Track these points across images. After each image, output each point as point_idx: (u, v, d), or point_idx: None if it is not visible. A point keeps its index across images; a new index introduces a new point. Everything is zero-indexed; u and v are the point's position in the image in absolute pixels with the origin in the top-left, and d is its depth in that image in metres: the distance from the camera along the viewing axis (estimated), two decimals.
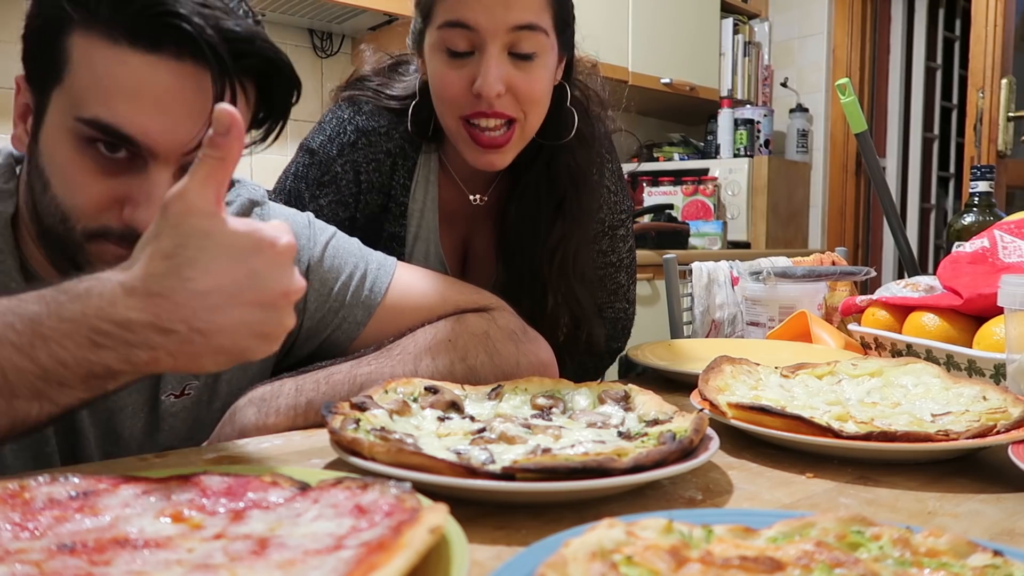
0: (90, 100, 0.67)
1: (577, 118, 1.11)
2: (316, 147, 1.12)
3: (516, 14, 0.96)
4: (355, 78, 1.17)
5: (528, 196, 1.14)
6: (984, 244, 1.14)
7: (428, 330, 0.90)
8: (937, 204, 4.28)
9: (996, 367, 0.93)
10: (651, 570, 0.38)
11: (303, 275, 0.90)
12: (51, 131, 0.70)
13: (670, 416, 0.68)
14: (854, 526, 0.43)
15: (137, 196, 0.69)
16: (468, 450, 0.60)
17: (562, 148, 1.11)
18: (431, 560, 0.40)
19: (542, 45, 1.00)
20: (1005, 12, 3.09)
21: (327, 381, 0.81)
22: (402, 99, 1.12)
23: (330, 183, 1.11)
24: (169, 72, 0.68)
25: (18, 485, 0.48)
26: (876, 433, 0.65)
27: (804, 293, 1.36)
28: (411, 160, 1.13)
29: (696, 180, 3.37)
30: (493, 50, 0.96)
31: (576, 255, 1.14)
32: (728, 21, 3.73)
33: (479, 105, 0.99)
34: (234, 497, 0.49)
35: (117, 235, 0.70)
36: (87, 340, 0.53)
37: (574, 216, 1.13)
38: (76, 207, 0.70)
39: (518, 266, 1.15)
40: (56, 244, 0.72)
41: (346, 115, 1.12)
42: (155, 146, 0.68)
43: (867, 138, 1.78)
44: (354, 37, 2.92)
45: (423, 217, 1.15)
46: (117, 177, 0.69)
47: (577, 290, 1.15)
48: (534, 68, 1.00)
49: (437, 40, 0.99)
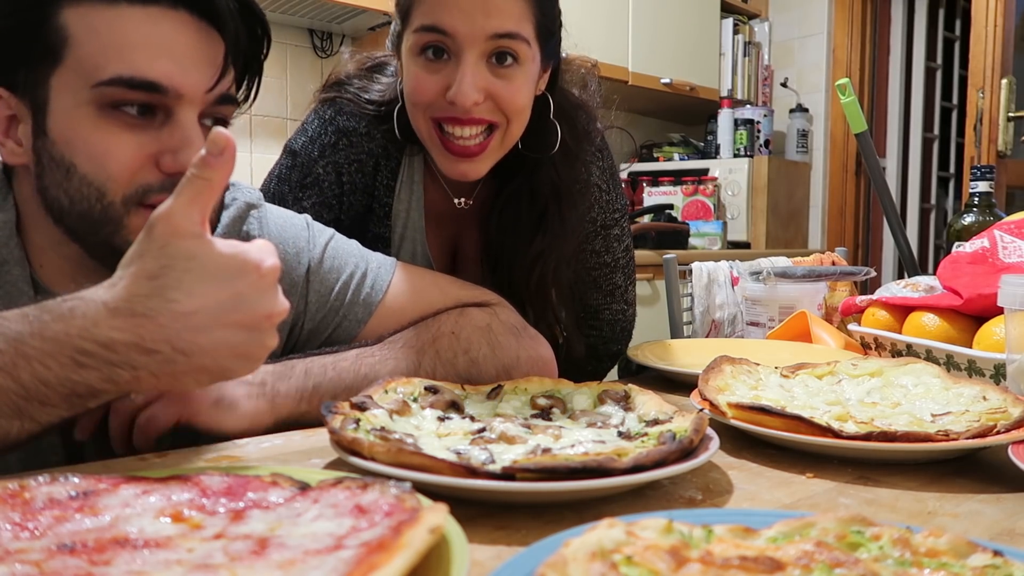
0: (105, 62, 0.69)
1: (561, 131, 1.08)
2: (298, 148, 1.11)
3: (496, 22, 0.93)
4: (335, 80, 1.15)
5: (510, 207, 1.12)
6: (984, 244, 1.14)
7: (431, 323, 0.90)
8: (937, 204, 4.28)
9: (996, 367, 0.93)
10: (651, 570, 0.38)
11: (303, 276, 0.90)
12: (62, 115, 0.70)
13: (670, 416, 0.68)
14: (854, 526, 0.43)
15: (172, 144, 0.71)
16: (468, 450, 0.60)
17: (545, 160, 1.09)
18: (431, 560, 0.40)
19: (523, 54, 0.97)
20: (1005, 12, 3.09)
21: (335, 367, 0.82)
22: (381, 103, 1.10)
23: (312, 185, 1.09)
24: (169, 21, 0.70)
25: (18, 485, 0.48)
26: (876, 433, 0.65)
27: (804, 293, 1.36)
28: (394, 161, 1.12)
29: (696, 180, 3.37)
30: (470, 58, 0.94)
31: (555, 270, 1.12)
32: (728, 21, 3.73)
33: (452, 110, 0.96)
34: (234, 497, 0.49)
35: (158, 189, 0.70)
36: (70, 360, 0.53)
37: (554, 231, 1.11)
38: (111, 175, 0.70)
39: (499, 278, 1.14)
40: (96, 229, 0.72)
41: (327, 115, 1.10)
42: (180, 87, 0.70)
43: (867, 138, 1.78)
44: (354, 37, 2.92)
45: (408, 218, 1.13)
46: (146, 133, 0.71)
47: (554, 305, 1.14)
48: (514, 76, 0.97)
49: (413, 43, 0.97)
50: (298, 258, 0.91)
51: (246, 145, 2.71)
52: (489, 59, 0.96)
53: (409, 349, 0.86)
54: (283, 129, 2.78)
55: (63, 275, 0.77)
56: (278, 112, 2.78)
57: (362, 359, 0.84)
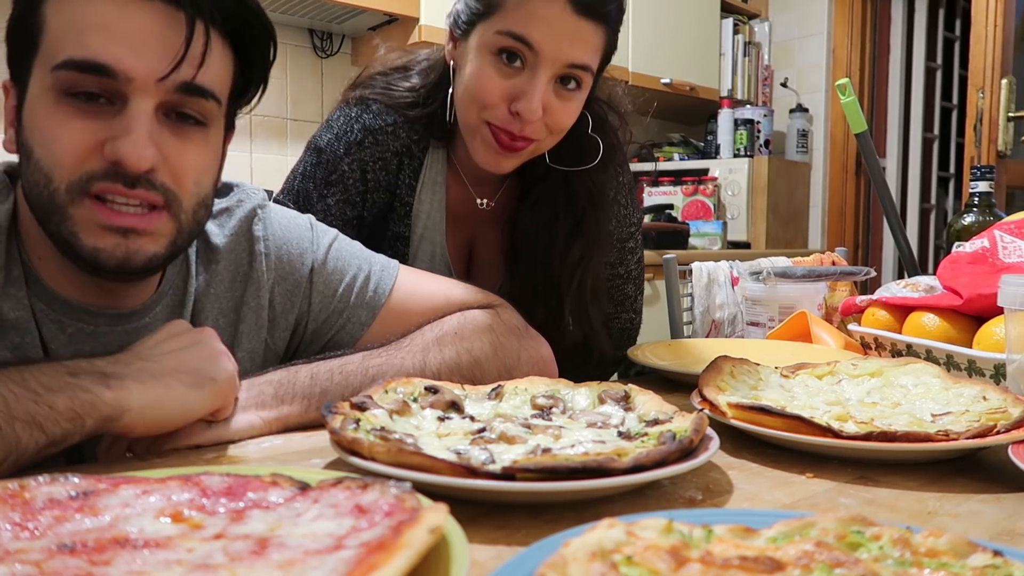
0: (63, 46, 0.68)
1: (601, 144, 1.12)
2: (323, 145, 1.12)
3: (578, 52, 0.98)
4: (365, 77, 1.17)
5: (543, 210, 1.14)
6: (984, 244, 1.14)
7: (435, 325, 0.91)
8: (937, 204, 4.28)
9: (996, 367, 0.93)
10: (651, 570, 0.38)
11: (307, 276, 0.91)
12: (31, 102, 0.70)
13: (670, 416, 0.68)
14: (854, 526, 0.43)
15: (117, 131, 0.68)
16: (468, 450, 0.60)
17: (581, 169, 1.13)
18: (431, 560, 0.40)
19: (585, 82, 1.02)
20: (1005, 12, 3.09)
21: (341, 371, 0.81)
22: (420, 87, 1.12)
23: (337, 182, 1.11)
24: (139, 9, 0.69)
25: (18, 485, 0.48)
26: (876, 433, 0.65)
27: (804, 293, 1.36)
28: (417, 160, 1.13)
29: (696, 180, 3.37)
30: (544, 76, 0.98)
31: (594, 274, 1.15)
32: (728, 21, 3.73)
33: (511, 123, 1.00)
34: (234, 497, 0.49)
35: (100, 176, 0.69)
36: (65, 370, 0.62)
37: (592, 236, 1.14)
38: (56, 160, 0.69)
39: (525, 276, 1.15)
40: (48, 218, 0.71)
41: (353, 113, 1.12)
42: (129, 70, 0.68)
43: (867, 138, 1.78)
44: (354, 37, 2.91)
45: (429, 218, 1.15)
46: (96, 120, 0.69)
47: (590, 309, 1.16)
48: (572, 99, 1.02)
49: (490, 42, 0.99)
50: (301, 259, 0.91)
51: (246, 145, 2.71)
52: (556, 80, 1.00)
53: (414, 349, 0.86)
54: (283, 129, 2.77)
55: (55, 268, 0.76)
56: (278, 112, 2.78)
57: (369, 361, 0.83)
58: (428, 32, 2.59)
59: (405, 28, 2.64)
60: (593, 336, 1.18)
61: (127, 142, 0.68)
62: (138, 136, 0.68)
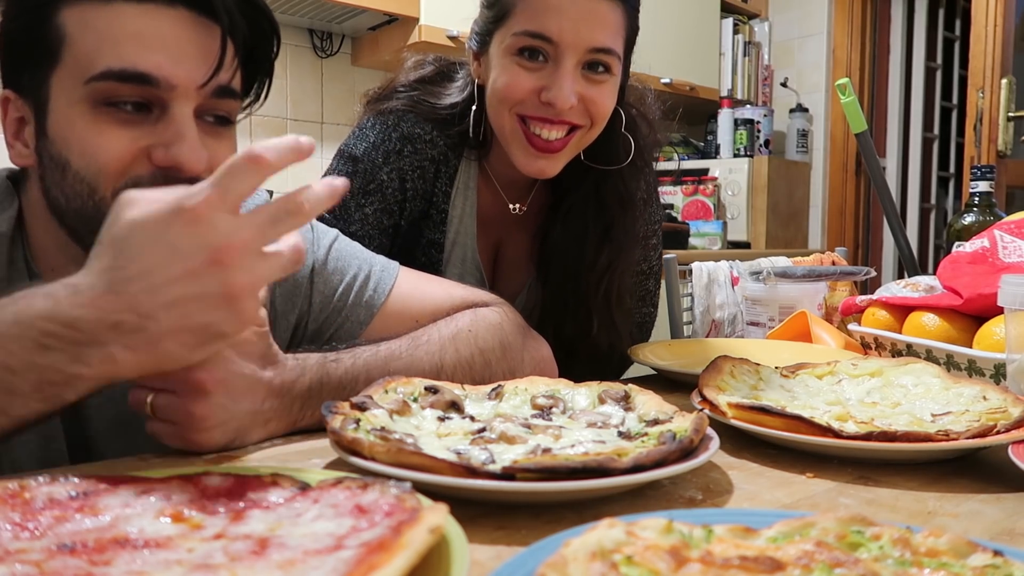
0: (98, 57, 0.68)
1: (632, 145, 1.13)
2: (360, 154, 1.11)
3: (599, 36, 0.99)
4: (393, 88, 1.17)
5: (575, 217, 1.15)
6: (984, 244, 1.14)
7: (449, 322, 0.90)
8: (937, 204, 4.28)
9: (996, 367, 0.93)
10: (651, 570, 0.38)
11: (307, 276, 0.90)
12: (60, 115, 0.70)
13: (670, 416, 0.68)
14: (854, 526, 0.43)
15: (165, 137, 0.70)
16: (468, 450, 0.60)
17: (613, 172, 1.13)
18: (431, 560, 0.40)
19: (613, 67, 1.03)
20: (1005, 12, 3.09)
21: (366, 376, 0.78)
22: (457, 104, 1.13)
23: (376, 191, 1.10)
24: (167, 18, 0.70)
25: (18, 485, 0.48)
26: (876, 433, 0.65)
27: (804, 293, 1.36)
28: (452, 167, 1.14)
29: (696, 180, 3.37)
30: (569, 65, 0.99)
31: (621, 280, 1.16)
32: (728, 21, 3.72)
33: (545, 111, 1.00)
34: (234, 497, 0.49)
35: (148, 182, 0.68)
36: (33, 343, 0.52)
37: (620, 243, 1.15)
38: (101, 170, 0.70)
39: (558, 286, 1.16)
40: (92, 228, 0.69)
41: (390, 122, 1.12)
42: (171, 78, 0.69)
43: (867, 138, 1.78)
44: (354, 37, 2.91)
45: (461, 223, 1.16)
46: (140, 128, 0.70)
47: (616, 316, 1.16)
48: (605, 85, 1.03)
49: (511, 44, 1.00)
50: None
51: (246, 145, 2.70)
52: (583, 66, 1.01)
53: (431, 347, 0.85)
54: (283, 129, 2.77)
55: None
56: (278, 112, 2.78)
57: (391, 364, 0.80)
58: (428, 32, 2.58)
59: (405, 28, 2.64)
60: (618, 341, 1.18)
61: (184, 148, 0.69)
62: (192, 141, 0.70)
